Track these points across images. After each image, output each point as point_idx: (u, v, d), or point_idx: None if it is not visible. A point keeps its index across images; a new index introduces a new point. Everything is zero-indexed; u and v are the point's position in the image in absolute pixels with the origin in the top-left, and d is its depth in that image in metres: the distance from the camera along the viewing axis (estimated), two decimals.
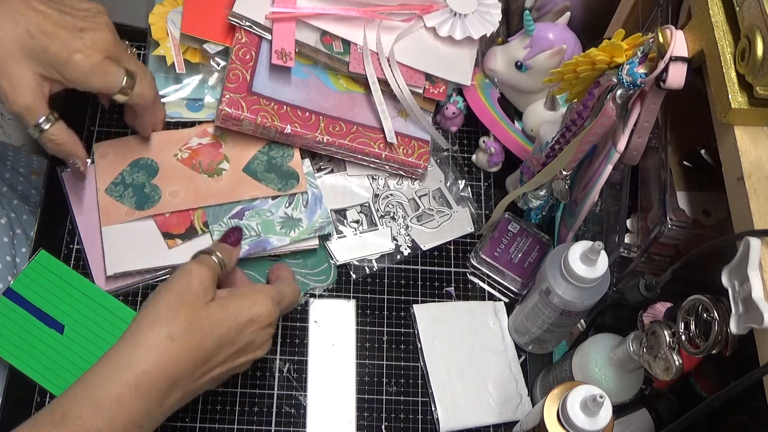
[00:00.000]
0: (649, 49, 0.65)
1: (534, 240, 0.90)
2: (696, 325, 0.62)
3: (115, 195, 0.84)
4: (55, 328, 0.78)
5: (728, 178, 0.60)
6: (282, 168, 0.87)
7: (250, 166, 0.87)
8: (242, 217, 0.85)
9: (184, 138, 0.88)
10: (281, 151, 0.88)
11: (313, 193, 0.88)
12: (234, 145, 0.88)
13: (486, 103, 0.95)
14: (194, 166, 0.86)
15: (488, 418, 0.83)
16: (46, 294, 0.79)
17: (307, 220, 0.86)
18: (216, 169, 0.86)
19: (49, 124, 0.73)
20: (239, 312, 0.69)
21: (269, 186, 0.86)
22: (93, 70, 0.73)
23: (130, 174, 0.85)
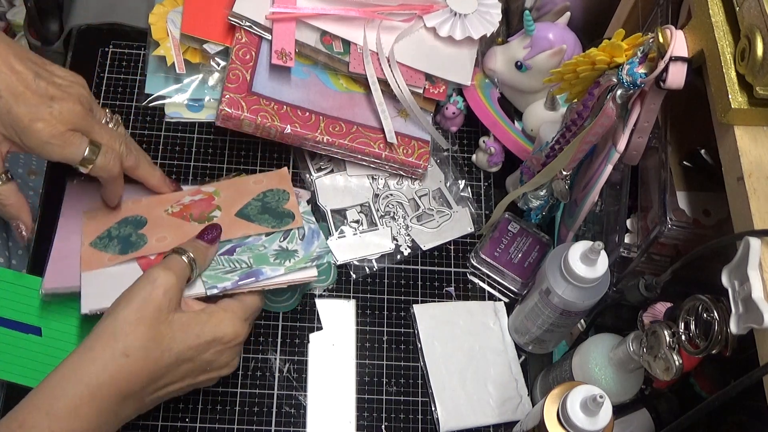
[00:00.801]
0: (649, 49, 0.65)
1: (534, 240, 0.90)
2: (696, 325, 0.62)
3: (100, 247, 0.79)
4: (33, 332, 0.78)
5: (728, 178, 0.60)
6: (277, 210, 0.82)
7: (243, 210, 0.82)
8: (233, 253, 0.78)
9: (176, 197, 0.83)
10: (276, 197, 0.84)
11: (309, 228, 0.82)
12: (227, 197, 0.83)
13: (486, 103, 0.95)
14: (185, 218, 0.81)
15: (488, 418, 0.83)
16: (12, 305, 0.79)
17: (304, 251, 0.79)
18: (207, 217, 0.81)
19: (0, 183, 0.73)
20: (202, 331, 0.68)
21: (263, 225, 0.81)
22: (51, 140, 0.70)
23: (117, 229, 0.80)
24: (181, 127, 0.93)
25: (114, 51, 0.96)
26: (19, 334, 0.78)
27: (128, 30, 0.96)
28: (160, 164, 0.90)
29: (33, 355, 0.77)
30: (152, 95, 0.92)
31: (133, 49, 0.96)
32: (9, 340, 0.78)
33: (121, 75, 0.94)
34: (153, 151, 0.91)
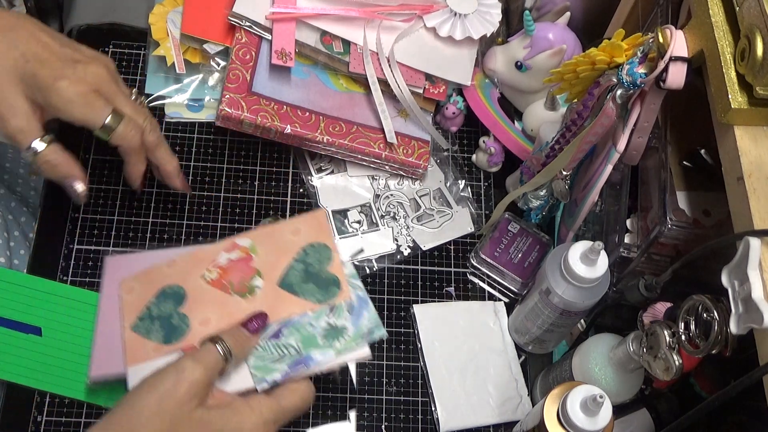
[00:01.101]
0: (649, 49, 0.65)
1: (534, 240, 0.90)
2: (696, 325, 0.62)
3: (142, 331, 0.76)
4: (33, 332, 0.78)
5: (728, 178, 0.60)
6: (320, 276, 0.77)
7: (285, 279, 0.77)
8: (279, 336, 0.74)
9: (210, 255, 0.79)
10: (318, 255, 0.78)
11: (357, 296, 0.77)
12: (266, 255, 0.78)
13: (486, 103, 0.95)
14: (225, 287, 0.77)
15: (488, 418, 0.83)
16: (12, 305, 0.79)
17: (353, 327, 0.75)
18: (249, 287, 0.77)
19: (43, 145, 0.72)
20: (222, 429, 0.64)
21: (308, 299, 0.76)
22: (75, 98, 0.71)
23: (157, 306, 0.77)
24: (181, 127, 0.92)
25: (114, 51, 0.96)
26: (20, 334, 0.78)
27: (128, 30, 0.96)
28: None
29: (33, 356, 0.77)
30: (152, 95, 0.92)
31: (133, 49, 0.96)
32: (9, 340, 0.78)
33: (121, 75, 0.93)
34: None
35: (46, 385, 0.77)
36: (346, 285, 0.77)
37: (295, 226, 0.80)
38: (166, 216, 0.88)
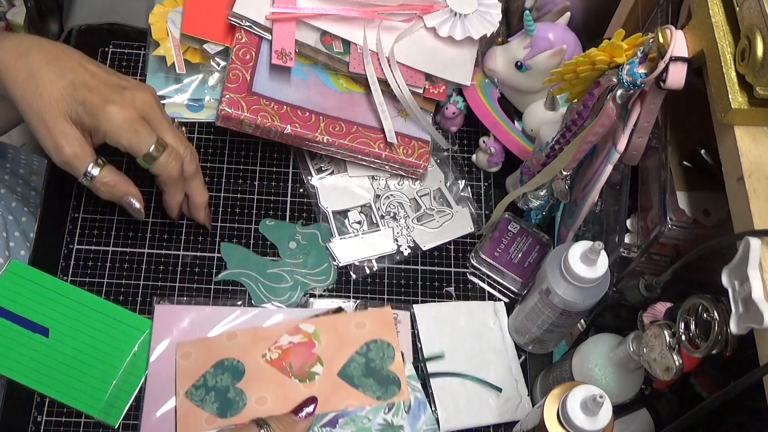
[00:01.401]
0: (649, 49, 0.65)
1: (534, 240, 0.90)
2: (696, 325, 0.62)
3: (196, 399, 0.76)
4: (41, 332, 0.79)
5: (728, 179, 0.60)
6: (381, 372, 0.78)
7: (346, 370, 0.78)
8: (335, 425, 0.75)
9: (273, 336, 0.80)
10: (381, 352, 0.79)
11: (416, 398, 0.78)
12: (328, 344, 0.79)
13: (486, 103, 0.95)
14: (284, 369, 0.78)
15: (488, 418, 0.83)
16: (24, 301, 0.79)
17: (410, 428, 0.76)
18: (308, 373, 0.78)
19: (98, 168, 0.74)
20: None
21: (367, 394, 0.77)
22: (124, 125, 0.73)
23: (214, 376, 0.77)
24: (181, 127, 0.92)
25: (114, 51, 0.96)
26: (27, 332, 0.78)
27: (128, 30, 0.96)
28: None
29: (37, 356, 0.78)
30: None
31: (133, 49, 0.96)
32: (16, 337, 0.78)
33: None
34: None
35: (45, 388, 0.77)
36: (407, 386, 0.78)
37: (360, 319, 0.81)
38: (167, 216, 0.88)
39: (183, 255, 0.86)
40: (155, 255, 0.86)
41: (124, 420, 0.78)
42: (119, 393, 0.78)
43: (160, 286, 0.84)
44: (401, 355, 0.80)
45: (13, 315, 0.78)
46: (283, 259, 0.87)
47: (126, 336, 0.80)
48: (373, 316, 0.82)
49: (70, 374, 0.78)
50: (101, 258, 0.85)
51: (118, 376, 0.79)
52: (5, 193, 0.90)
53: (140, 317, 0.81)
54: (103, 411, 0.77)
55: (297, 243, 0.88)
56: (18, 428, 0.77)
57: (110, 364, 0.79)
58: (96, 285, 0.84)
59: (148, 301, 0.83)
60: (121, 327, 0.80)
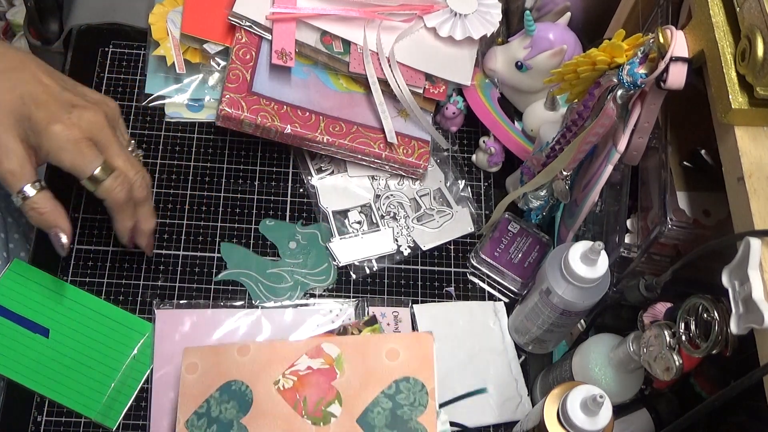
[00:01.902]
0: (650, 50, 0.65)
1: (534, 240, 0.90)
2: (696, 325, 0.62)
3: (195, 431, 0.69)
4: (41, 333, 0.78)
5: (728, 179, 0.60)
6: (408, 424, 0.65)
7: (367, 415, 0.66)
8: None
9: (291, 355, 0.69)
10: (412, 397, 0.67)
11: None
12: (352, 376, 0.68)
13: (486, 103, 0.95)
14: (297, 404, 0.67)
15: (488, 418, 0.83)
16: (25, 301, 0.79)
17: None
18: (324, 413, 0.67)
19: (34, 191, 0.70)
20: None
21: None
22: (66, 145, 0.69)
23: (218, 404, 0.68)
24: (181, 127, 0.92)
25: (114, 51, 0.96)
26: (27, 332, 0.78)
27: (128, 30, 0.96)
28: (160, 164, 0.90)
29: (37, 357, 0.78)
30: (152, 95, 0.92)
31: (133, 49, 0.96)
32: (16, 337, 0.78)
33: (121, 75, 0.94)
34: (153, 151, 0.91)
35: (43, 389, 0.77)
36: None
37: (393, 345, 0.69)
38: (166, 216, 0.88)
39: (183, 255, 0.86)
40: (155, 255, 0.86)
41: (123, 421, 0.78)
42: (118, 395, 0.78)
43: (160, 286, 0.84)
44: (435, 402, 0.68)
45: (15, 315, 0.78)
46: (283, 259, 0.87)
47: (126, 338, 0.80)
48: (410, 343, 0.70)
49: (69, 375, 0.78)
50: (101, 258, 0.85)
51: (117, 379, 0.78)
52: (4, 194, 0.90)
53: (140, 320, 0.81)
54: (101, 413, 0.77)
55: (297, 243, 0.88)
56: (18, 428, 0.77)
57: (109, 366, 0.79)
58: (96, 285, 0.83)
59: (148, 301, 0.83)
60: (121, 329, 0.80)
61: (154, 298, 0.83)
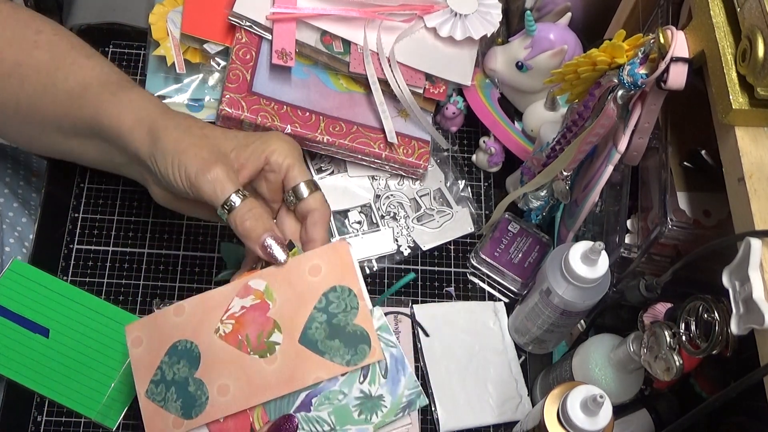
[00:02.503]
0: (650, 50, 0.65)
1: (534, 240, 0.90)
2: (696, 325, 0.62)
3: (158, 399, 0.68)
4: (41, 332, 0.78)
5: (729, 179, 0.60)
6: (346, 329, 0.67)
7: (307, 333, 0.67)
8: (309, 407, 0.66)
9: (223, 301, 0.69)
10: (342, 303, 0.68)
11: (391, 355, 0.67)
12: (284, 302, 0.68)
13: (486, 103, 0.95)
14: (241, 344, 0.68)
15: (488, 418, 0.83)
16: (25, 301, 0.79)
17: (391, 396, 0.66)
18: (267, 344, 0.68)
19: (240, 200, 0.67)
20: None
21: (334, 360, 0.66)
22: (289, 141, 0.72)
23: (170, 366, 0.68)
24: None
25: (114, 51, 0.96)
26: (27, 332, 0.78)
27: (128, 30, 0.96)
28: None
29: (37, 357, 0.78)
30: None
31: (133, 49, 0.96)
32: (16, 337, 0.78)
33: None
34: None
35: (43, 389, 0.77)
36: (377, 342, 0.67)
37: (313, 262, 0.69)
38: (166, 216, 0.88)
39: (183, 255, 0.86)
40: (155, 255, 0.86)
41: (123, 421, 0.78)
42: (118, 395, 0.78)
43: (160, 286, 0.84)
44: (365, 302, 0.68)
45: (14, 315, 0.78)
46: None
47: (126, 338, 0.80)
48: (328, 255, 0.69)
49: (69, 375, 0.78)
50: (101, 258, 0.85)
51: (117, 379, 0.78)
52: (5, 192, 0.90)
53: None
54: (101, 413, 0.77)
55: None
56: (18, 428, 0.77)
57: (109, 366, 0.79)
58: (96, 285, 0.84)
59: (148, 301, 0.83)
60: (121, 329, 0.80)
61: (154, 298, 0.83)
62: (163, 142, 0.69)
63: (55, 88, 0.75)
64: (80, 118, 0.75)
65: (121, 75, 0.78)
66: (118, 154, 0.75)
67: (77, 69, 0.76)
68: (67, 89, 0.75)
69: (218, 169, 0.67)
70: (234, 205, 0.67)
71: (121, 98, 0.73)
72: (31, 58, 0.76)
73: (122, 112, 0.72)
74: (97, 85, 0.75)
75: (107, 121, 0.72)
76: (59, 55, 0.77)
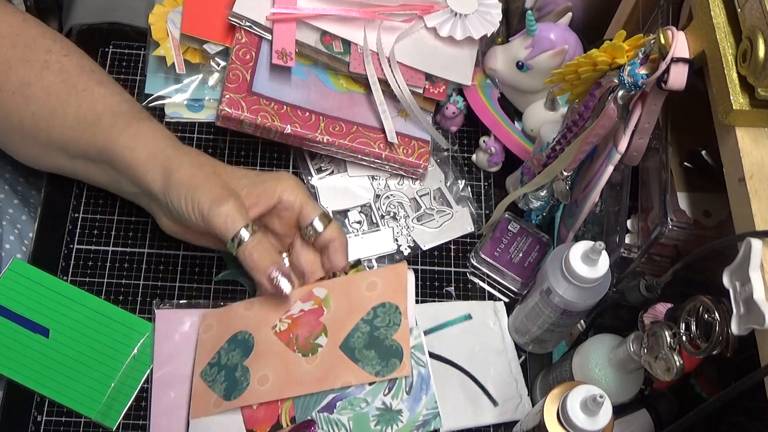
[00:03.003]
0: (651, 50, 0.65)
1: (534, 240, 0.90)
2: (697, 325, 0.62)
3: (208, 380, 0.75)
4: (41, 332, 0.78)
5: (729, 179, 0.60)
6: (384, 343, 0.71)
7: (348, 341, 0.72)
8: (333, 409, 0.70)
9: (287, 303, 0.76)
10: (387, 318, 0.72)
11: (419, 374, 0.71)
12: (337, 310, 0.74)
13: (486, 103, 0.95)
14: (290, 342, 0.74)
15: (488, 418, 0.83)
16: (25, 301, 0.79)
17: (409, 412, 0.69)
18: (312, 345, 0.73)
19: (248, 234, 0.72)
20: None
21: (365, 369, 0.71)
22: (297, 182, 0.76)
23: (227, 353, 0.75)
24: (181, 127, 0.92)
25: (114, 51, 0.95)
26: (27, 332, 0.78)
27: (128, 30, 0.96)
28: None
29: (37, 356, 0.77)
30: (152, 95, 0.92)
31: (133, 49, 0.96)
32: (16, 336, 0.78)
33: (121, 75, 0.94)
34: None
35: (43, 389, 0.77)
36: (409, 359, 0.71)
37: (372, 279, 0.75)
38: None
39: (183, 255, 0.86)
40: (155, 255, 0.86)
41: (123, 421, 0.78)
42: (118, 395, 0.78)
43: (160, 286, 0.84)
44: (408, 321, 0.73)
45: (14, 314, 0.78)
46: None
47: (126, 338, 0.80)
48: (386, 274, 0.75)
49: (69, 375, 0.78)
50: (101, 258, 0.85)
51: (117, 378, 0.78)
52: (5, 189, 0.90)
53: (140, 319, 0.81)
54: (101, 413, 0.77)
55: None
56: (18, 428, 0.77)
57: (109, 366, 0.79)
58: (96, 285, 0.84)
59: (148, 301, 0.83)
60: (121, 329, 0.80)
61: (154, 298, 0.83)
62: (176, 177, 0.72)
63: (66, 113, 0.76)
64: (91, 144, 0.76)
65: (133, 104, 0.79)
66: (128, 184, 0.77)
67: (89, 96, 0.76)
68: (79, 116, 0.76)
69: (230, 203, 0.71)
70: (243, 239, 0.71)
71: (134, 131, 0.75)
72: (41, 80, 0.76)
73: (136, 146, 0.74)
74: (110, 115, 0.76)
75: (120, 154, 0.74)
76: (70, 79, 0.77)
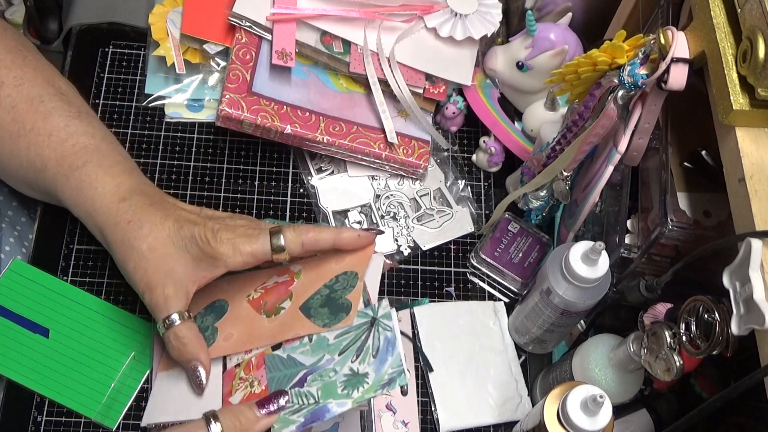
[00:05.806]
0: (651, 51, 0.65)
1: (534, 240, 0.90)
2: (697, 325, 0.62)
3: None
4: (41, 333, 0.78)
5: (729, 180, 0.60)
6: (338, 301, 0.73)
7: (308, 302, 0.75)
8: (303, 384, 0.71)
9: (264, 277, 0.79)
10: (345, 282, 0.74)
11: (386, 338, 0.71)
12: (306, 280, 0.77)
13: (486, 103, 0.95)
14: (259, 308, 0.77)
15: (488, 418, 0.83)
16: (25, 301, 0.79)
17: (375, 373, 0.70)
18: (276, 308, 0.76)
19: (180, 320, 0.72)
20: None
21: (315, 323, 0.73)
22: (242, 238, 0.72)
23: (202, 317, 0.78)
24: (181, 127, 0.92)
25: (114, 51, 0.95)
26: (27, 332, 0.78)
27: (128, 30, 0.96)
28: (159, 164, 0.90)
29: (37, 357, 0.77)
30: (152, 95, 0.92)
31: (133, 49, 0.96)
32: (16, 337, 0.78)
33: (121, 75, 0.94)
34: (153, 151, 0.91)
35: (43, 389, 0.77)
36: (355, 312, 0.72)
37: (342, 254, 0.77)
38: None
39: None
40: None
41: (123, 421, 0.78)
42: (118, 395, 0.78)
43: None
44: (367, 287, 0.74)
45: (14, 315, 0.78)
46: None
47: (126, 338, 0.80)
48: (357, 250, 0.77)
49: (69, 375, 0.78)
50: (101, 258, 0.85)
51: (117, 379, 0.78)
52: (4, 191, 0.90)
53: (140, 319, 0.81)
54: (101, 413, 0.77)
55: None
56: (18, 428, 0.77)
57: (109, 366, 0.79)
58: (96, 285, 0.83)
59: None
60: (120, 329, 0.80)
61: None
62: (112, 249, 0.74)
63: (19, 155, 0.76)
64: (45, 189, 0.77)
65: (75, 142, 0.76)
66: None
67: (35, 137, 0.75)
68: (30, 159, 0.76)
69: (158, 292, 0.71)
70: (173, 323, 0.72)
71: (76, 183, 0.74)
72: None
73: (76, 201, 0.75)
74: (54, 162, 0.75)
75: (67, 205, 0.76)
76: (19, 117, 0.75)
